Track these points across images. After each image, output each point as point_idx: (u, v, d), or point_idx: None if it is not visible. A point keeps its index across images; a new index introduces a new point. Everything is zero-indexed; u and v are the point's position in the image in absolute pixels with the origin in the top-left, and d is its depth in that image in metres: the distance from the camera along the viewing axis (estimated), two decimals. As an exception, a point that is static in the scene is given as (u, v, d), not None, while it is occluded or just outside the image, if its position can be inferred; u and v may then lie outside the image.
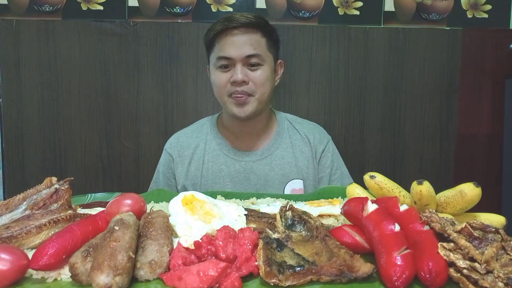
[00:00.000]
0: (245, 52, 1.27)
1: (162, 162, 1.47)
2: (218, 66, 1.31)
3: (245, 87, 1.29)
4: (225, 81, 1.30)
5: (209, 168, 1.40)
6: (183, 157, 1.43)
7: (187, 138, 1.46)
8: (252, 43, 1.29)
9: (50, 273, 0.64)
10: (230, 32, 1.28)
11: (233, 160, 1.39)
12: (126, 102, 1.94)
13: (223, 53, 1.28)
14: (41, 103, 1.92)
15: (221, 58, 1.29)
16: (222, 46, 1.29)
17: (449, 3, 1.96)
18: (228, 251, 0.66)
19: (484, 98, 1.99)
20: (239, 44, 1.27)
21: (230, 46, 1.28)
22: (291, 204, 0.79)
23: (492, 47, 1.96)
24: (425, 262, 0.60)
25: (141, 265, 0.62)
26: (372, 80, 1.96)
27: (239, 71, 1.27)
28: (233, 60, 1.28)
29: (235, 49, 1.27)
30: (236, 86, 1.29)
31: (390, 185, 0.90)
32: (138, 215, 0.75)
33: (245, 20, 1.28)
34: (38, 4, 1.90)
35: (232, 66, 1.29)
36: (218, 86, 1.32)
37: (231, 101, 1.31)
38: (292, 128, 1.47)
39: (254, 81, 1.30)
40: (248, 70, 1.29)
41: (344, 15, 1.95)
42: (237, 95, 1.29)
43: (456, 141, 1.99)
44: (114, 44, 1.90)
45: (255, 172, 1.38)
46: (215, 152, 1.41)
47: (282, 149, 1.41)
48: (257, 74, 1.30)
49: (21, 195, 0.87)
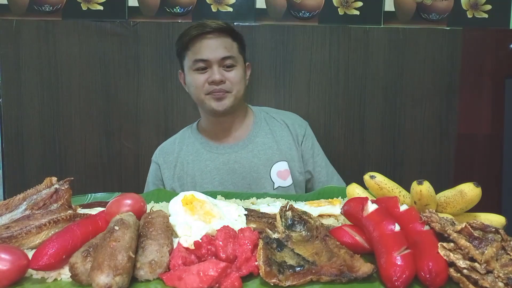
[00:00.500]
0: (220, 54, 1.38)
1: (150, 173, 1.59)
2: (195, 68, 1.40)
3: (223, 85, 1.39)
4: (202, 82, 1.39)
5: (195, 166, 1.48)
6: (168, 162, 1.53)
7: (170, 145, 1.57)
8: (226, 46, 1.39)
9: (50, 273, 0.64)
10: (204, 37, 1.38)
11: (216, 154, 1.48)
12: (126, 102, 1.94)
13: (200, 55, 1.38)
14: (41, 103, 1.92)
15: (198, 61, 1.39)
16: (198, 50, 1.39)
17: (449, 3, 1.96)
18: (228, 251, 0.66)
19: (484, 98, 1.99)
20: (214, 47, 1.38)
21: (205, 49, 1.38)
22: (291, 204, 0.79)
23: (492, 47, 1.96)
24: (425, 262, 0.60)
25: (141, 265, 0.62)
26: (372, 80, 1.96)
27: (216, 72, 1.37)
28: (209, 62, 1.38)
29: (211, 51, 1.38)
30: (214, 85, 1.38)
31: (390, 185, 0.90)
32: (138, 215, 0.75)
33: (216, 25, 1.39)
34: (38, 4, 1.90)
35: (208, 67, 1.39)
36: (196, 86, 1.41)
37: (209, 97, 1.40)
38: (269, 117, 1.56)
39: (230, 80, 1.40)
40: (224, 70, 1.39)
41: (344, 15, 1.95)
42: (215, 94, 1.39)
43: (456, 141, 1.99)
44: (114, 44, 1.90)
45: (239, 162, 1.45)
46: (199, 151, 1.50)
47: (262, 135, 1.50)
48: (232, 74, 1.40)
49: (21, 195, 0.87)
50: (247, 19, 1.93)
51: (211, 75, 1.38)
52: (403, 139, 1.99)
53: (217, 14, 1.93)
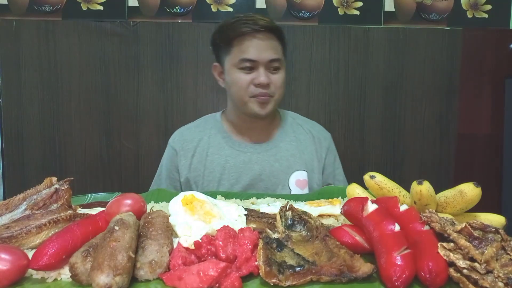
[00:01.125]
0: (268, 56, 1.31)
1: (166, 157, 1.49)
2: (241, 67, 1.33)
3: (268, 89, 1.33)
4: (247, 83, 1.33)
5: (214, 160, 1.42)
6: (186, 150, 1.45)
7: (190, 132, 1.48)
8: (274, 48, 1.33)
9: (50, 273, 0.64)
10: (253, 35, 1.31)
11: (238, 152, 1.42)
12: (126, 102, 1.94)
13: (248, 55, 1.31)
14: (41, 103, 1.92)
15: (246, 60, 1.31)
16: (246, 48, 1.31)
17: (449, 3, 1.96)
18: (228, 251, 0.66)
19: (484, 98, 1.99)
20: (263, 48, 1.31)
21: (254, 49, 1.31)
22: (291, 204, 0.79)
23: (492, 47, 1.96)
24: (425, 262, 0.60)
25: (141, 265, 0.62)
26: (372, 80, 1.96)
27: (263, 74, 1.31)
28: (257, 63, 1.31)
29: (260, 52, 1.31)
30: (260, 88, 1.32)
31: (390, 185, 0.90)
32: (138, 215, 0.75)
33: (265, 23, 1.31)
34: (38, 4, 1.90)
35: (254, 68, 1.32)
36: (240, 87, 1.34)
37: (253, 100, 1.34)
38: (295, 123, 1.51)
39: (274, 84, 1.34)
40: (269, 73, 1.33)
41: (344, 15, 1.95)
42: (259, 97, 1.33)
43: (456, 141, 1.99)
44: (114, 44, 1.90)
45: (260, 163, 1.41)
46: (220, 145, 1.44)
47: (286, 142, 1.45)
48: (277, 77, 1.34)
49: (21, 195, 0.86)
50: (247, 19, 1.93)
51: (257, 77, 1.31)
52: (403, 139, 1.99)
53: (217, 14, 1.93)
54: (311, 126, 1.53)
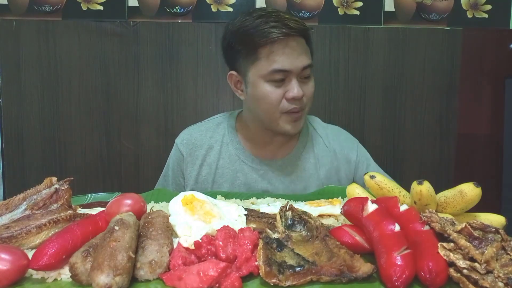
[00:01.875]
0: (301, 63, 1.12)
1: (172, 158, 1.36)
2: (271, 79, 1.13)
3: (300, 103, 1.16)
4: (280, 97, 1.14)
5: (224, 174, 1.28)
6: (194, 156, 1.30)
7: (200, 136, 1.32)
8: (306, 53, 1.15)
9: (50, 273, 0.64)
10: (285, 41, 1.11)
11: (251, 168, 1.27)
12: (126, 102, 1.94)
13: (280, 65, 1.11)
14: (41, 103, 1.92)
15: (278, 71, 1.12)
16: (278, 57, 1.11)
17: (449, 3, 1.96)
18: (228, 251, 0.66)
19: (484, 98, 1.99)
20: (296, 54, 1.12)
21: (287, 57, 1.11)
22: (291, 204, 0.79)
23: (492, 47, 1.96)
24: (425, 262, 0.60)
25: (141, 265, 0.62)
26: (372, 80, 1.96)
27: (296, 86, 1.13)
28: (290, 73, 1.13)
29: (293, 60, 1.11)
30: (294, 103, 1.15)
31: (390, 185, 0.90)
32: (138, 215, 0.75)
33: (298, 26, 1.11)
34: (38, 4, 1.90)
35: (286, 79, 1.14)
36: (271, 103, 1.15)
37: (285, 118, 1.17)
38: (316, 135, 1.34)
39: (306, 95, 1.17)
40: (302, 84, 1.15)
41: (344, 15, 1.95)
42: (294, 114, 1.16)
43: (456, 141, 1.99)
44: (114, 44, 1.90)
45: (273, 184, 1.27)
46: (232, 158, 1.29)
47: (305, 158, 1.29)
48: (309, 87, 1.18)
49: (21, 195, 0.86)
50: (247, 19, 1.93)
51: (290, 90, 1.13)
52: (403, 139, 1.99)
53: (217, 14, 1.93)
54: (333, 137, 1.34)
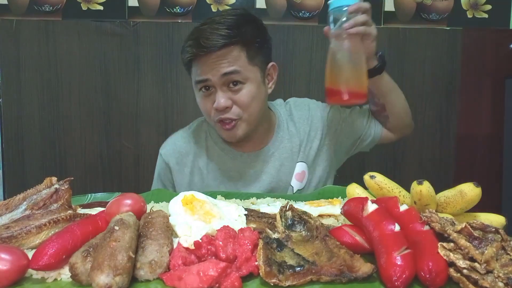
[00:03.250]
0: (222, 70, 1.14)
1: (159, 169, 1.39)
2: (199, 89, 1.20)
3: (230, 112, 1.17)
4: (209, 107, 1.19)
5: (218, 177, 1.31)
6: (182, 164, 1.33)
7: (185, 144, 1.35)
8: (230, 60, 1.14)
9: (50, 273, 0.64)
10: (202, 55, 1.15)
11: (242, 163, 1.31)
12: (126, 102, 1.94)
13: (200, 76, 1.17)
14: (41, 103, 1.92)
15: (199, 82, 1.18)
16: (198, 70, 1.17)
17: (449, 3, 1.96)
18: (228, 251, 0.66)
19: (484, 98, 1.99)
20: (214, 63, 1.14)
21: (205, 67, 1.15)
22: (291, 204, 0.79)
23: (492, 47, 1.96)
24: (425, 262, 0.60)
25: (141, 265, 0.62)
26: (372, 80, 1.96)
27: (220, 97, 1.15)
28: (212, 82, 1.16)
29: (211, 69, 1.14)
30: (220, 113, 1.18)
31: (390, 185, 0.90)
32: (138, 215, 0.75)
33: (217, 42, 1.12)
34: (38, 4, 1.90)
35: (213, 88, 1.18)
36: (204, 111, 1.24)
37: (219, 126, 1.22)
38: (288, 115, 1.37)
39: (238, 104, 1.17)
40: (230, 92, 1.16)
41: (344, 15, 1.95)
42: (224, 124, 1.20)
43: (456, 141, 1.99)
44: (114, 44, 1.90)
45: (267, 172, 1.31)
46: (221, 158, 1.32)
47: (286, 140, 1.33)
48: (240, 96, 1.17)
49: (21, 195, 0.87)
50: (247, 19, 1.93)
51: (215, 100, 1.16)
52: (403, 139, 1.98)
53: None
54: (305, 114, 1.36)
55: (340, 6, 1.10)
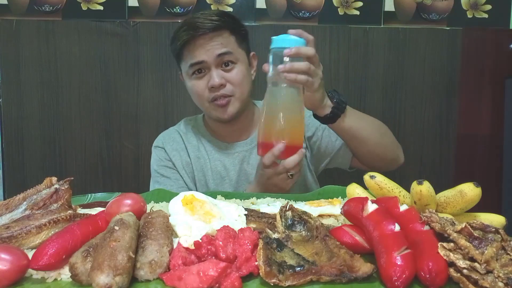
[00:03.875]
0: (216, 51, 1.23)
1: (156, 159, 1.43)
2: (192, 73, 1.28)
3: (224, 89, 1.26)
4: (203, 88, 1.27)
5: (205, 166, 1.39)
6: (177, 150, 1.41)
7: (175, 134, 1.44)
8: (222, 42, 1.25)
9: (50, 273, 0.64)
10: (197, 38, 1.24)
11: (227, 154, 1.39)
12: (126, 102, 1.94)
13: (195, 59, 1.25)
14: (41, 103, 1.92)
15: (194, 65, 1.26)
16: (192, 53, 1.25)
17: (449, 3, 1.96)
18: (228, 251, 0.66)
19: (484, 98, 1.99)
20: (208, 45, 1.24)
21: (199, 50, 1.24)
22: (291, 204, 0.79)
23: (492, 47, 1.96)
24: (425, 262, 0.60)
25: (141, 265, 0.62)
26: (372, 80, 1.96)
27: (215, 75, 1.24)
28: (206, 64, 1.25)
29: (205, 51, 1.24)
30: (215, 91, 1.26)
31: (390, 185, 0.90)
32: (138, 215, 0.75)
33: (210, 24, 1.23)
34: (38, 4, 1.90)
35: (206, 70, 1.26)
36: (196, 93, 1.30)
37: (213, 106, 1.29)
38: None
39: (231, 82, 1.27)
40: (223, 71, 1.26)
41: (344, 15, 1.95)
42: (218, 101, 1.27)
43: (456, 141, 1.99)
44: (114, 44, 1.90)
45: (251, 163, 1.37)
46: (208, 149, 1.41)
47: None
48: (233, 74, 1.27)
49: (21, 195, 0.86)
50: (247, 19, 1.93)
51: (210, 79, 1.25)
52: (403, 139, 1.99)
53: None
54: None
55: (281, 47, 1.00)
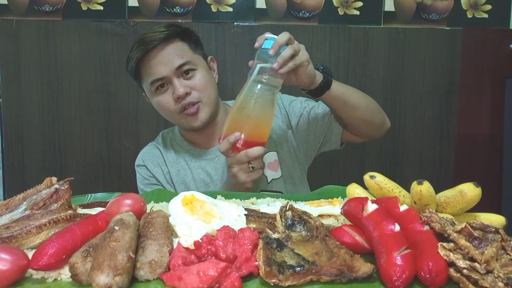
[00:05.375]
0: (174, 64, 1.23)
1: (140, 179, 1.44)
2: (155, 89, 1.27)
3: (190, 97, 1.25)
4: (169, 101, 1.27)
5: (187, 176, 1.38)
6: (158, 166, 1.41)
7: (153, 150, 1.45)
8: (177, 53, 1.24)
9: (50, 273, 0.64)
10: (149, 54, 1.23)
11: (206, 161, 1.38)
12: (126, 102, 1.94)
13: (154, 76, 1.24)
14: (41, 103, 1.92)
15: (155, 81, 1.25)
16: (150, 70, 1.24)
17: (449, 3, 1.96)
18: (228, 251, 0.66)
19: (484, 98, 1.99)
20: (165, 60, 1.23)
21: (158, 66, 1.23)
22: (291, 204, 0.79)
23: (492, 47, 1.96)
24: (425, 262, 0.60)
25: (141, 265, 0.62)
26: (372, 80, 1.96)
27: (178, 85, 1.23)
28: (168, 78, 1.24)
29: (164, 66, 1.23)
30: (181, 101, 1.25)
31: (390, 185, 0.90)
32: (138, 215, 0.75)
33: (159, 35, 1.23)
34: (38, 4, 1.90)
35: (168, 83, 1.26)
36: (164, 108, 1.29)
37: (183, 116, 1.28)
38: None
39: (195, 88, 1.26)
40: (185, 80, 1.25)
41: (344, 15, 1.95)
42: (187, 110, 1.26)
43: (456, 141, 1.99)
44: (114, 44, 1.90)
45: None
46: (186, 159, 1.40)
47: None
48: (196, 81, 1.26)
49: (21, 195, 0.86)
50: (247, 19, 1.93)
51: (174, 91, 1.24)
52: (403, 139, 1.99)
53: (217, 14, 1.93)
54: None
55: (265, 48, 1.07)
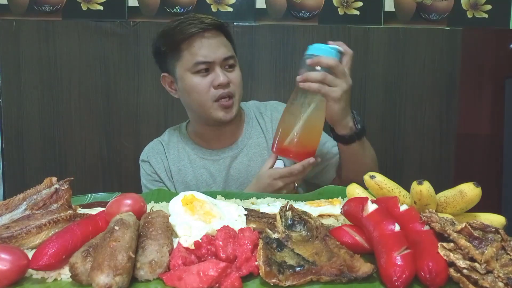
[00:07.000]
0: (222, 54, 1.25)
1: (144, 174, 1.44)
2: (196, 71, 1.25)
3: (228, 89, 1.26)
4: (207, 86, 1.25)
5: (189, 174, 1.38)
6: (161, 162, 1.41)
7: (158, 146, 1.45)
8: (226, 45, 1.27)
9: (50, 273, 0.64)
10: (202, 35, 1.23)
11: (211, 161, 1.38)
12: (126, 102, 1.94)
13: (201, 57, 1.23)
14: (41, 103, 1.92)
15: (200, 63, 1.24)
16: (198, 50, 1.23)
17: (449, 3, 1.96)
18: (228, 251, 0.66)
19: (484, 98, 1.99)
20: (215, 46, 1.24)
21: (207, 49, 1.23)
22: (291, 204, 0.79)
23: (492, 47, 1.96)
24: (425, 262, 0.60)
25: (141, 265, 0.62)
26: (372, 80, 1.96)
27: (221, 74, 1.24)
28: (212, 64, 1.24)
29: (213, 52, 1.24)
30: (221, 89, 1.25)
31: (390, 185, 0.90)
32: (138, 215, 0.75)
33: (212, 21, 1.25)
34: (38, 4, 1.90)
35: (210, 70, 1.25)
36: (200, 92, 1.26)
37: (216, 106, 1.27)
38: (259, 114, 1.45)
39: (233, 82, 1.28)
40: (227, 72, 1.27)
41: (344, 15, 1.95)
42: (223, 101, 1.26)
43: (456, 141, 1.99)
44: (114, 44, 1.90)
45: (235, 167, 1.37)
46: (191, 157, 1.40)
47: (255, 136, 1.40)
48: (235, 75, 1.28)
49: (21, 195, 0.86)
50: (247, 19, 1.93)
51: (216, 78, 1.24)
52: (403, 139, 1.99)
53: (217, 14, 1.93)
54: (272, 109, 1.45)
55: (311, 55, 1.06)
